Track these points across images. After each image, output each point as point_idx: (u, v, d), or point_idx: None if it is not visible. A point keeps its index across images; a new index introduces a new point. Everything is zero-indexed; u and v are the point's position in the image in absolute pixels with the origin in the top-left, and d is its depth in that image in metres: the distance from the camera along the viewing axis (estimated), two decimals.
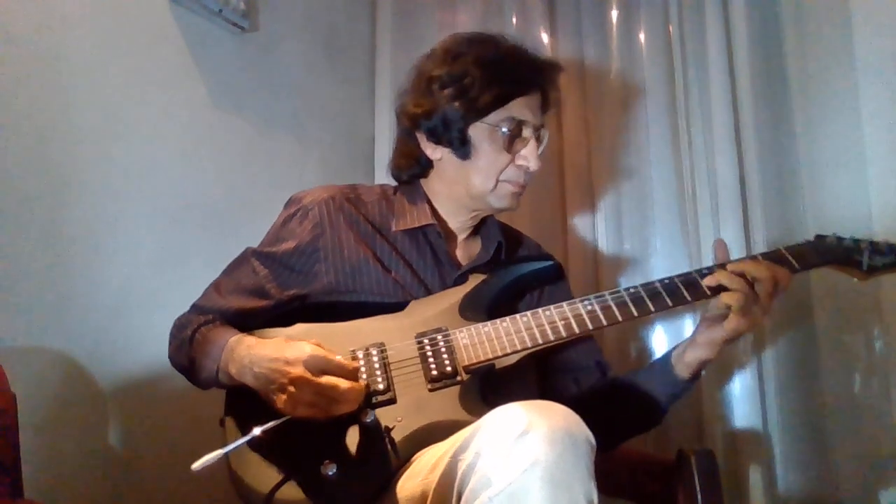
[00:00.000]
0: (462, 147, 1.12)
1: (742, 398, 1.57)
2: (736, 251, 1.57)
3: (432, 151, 1.16)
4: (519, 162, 1.13)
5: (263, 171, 1.70)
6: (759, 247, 1.55)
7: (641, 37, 1.87)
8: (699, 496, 1.09)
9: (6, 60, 1.18)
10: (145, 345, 1.34)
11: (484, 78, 1.10)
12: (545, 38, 1.99)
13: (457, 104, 1.10)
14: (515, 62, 1.13)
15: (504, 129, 1.11)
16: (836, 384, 1.46)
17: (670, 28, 1.80)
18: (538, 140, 1.14)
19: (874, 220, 1.37)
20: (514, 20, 2.00)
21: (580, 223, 1.91)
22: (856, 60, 1.41)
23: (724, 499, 1.13)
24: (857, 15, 1.41)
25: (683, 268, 1.72)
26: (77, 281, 1.26)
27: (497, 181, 1.13)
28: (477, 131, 1.12)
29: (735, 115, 1.62)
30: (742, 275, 0.99)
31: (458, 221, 1.20)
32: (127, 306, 1.34)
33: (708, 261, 1.60)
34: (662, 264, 1.79)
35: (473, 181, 1.13)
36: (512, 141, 1.12)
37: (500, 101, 1.10)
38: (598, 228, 1.88)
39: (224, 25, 1.60)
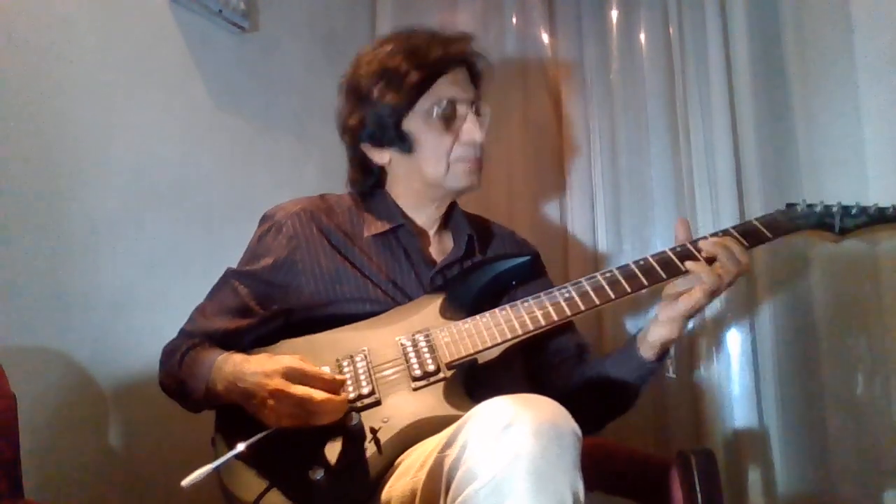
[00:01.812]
0: (403, 143, 1.14)
1: (741, 398, 1.57)
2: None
3: (379, 157, 1.18)
4: (463, 138, 1.13)
5: (263, 171, 1.70)
6: (759, 247, 1.55)
7: (641, 37, 1.87)
8: (699, 496, 1.09)
9: (6, 60, 1.18)
10: (145, 344, 1.34)
11: (400, 70, 1.11)
12: (545, 38, 1.99)
13: (384, 103, 1.12)
14: (425, 46, 1.13)
15: (436, 111, 1.12)
16: (836, 384, 1.45)
17: (670, 28, 1.80)
18: (477, 114, 1.16)
19: None
20: (514, 20, 2.00)
21: (580, 223, 1.91)
22: (856, 60, 1.42)
23: (724, 499, 1.13)
24: (857, 15, 1.41)
25: None
26: (77, 281, 1.26)
27: (448, 163, 1.14)
28: (411, 123, 1.13)
29: (735, 115, 1.62)
30: (725, 249, 1.02)
31: (425, 216, 1.21)
32: (127, 306, 1.34)
33: None
34: None
35: (426, 171, 1.15)
36: (448, 121, 1.13)
37: (423, 87, 1.11)
38: (597, 229, 1.88)
39: (224, 25, 1.60)
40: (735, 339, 1.60)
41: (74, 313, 1.25)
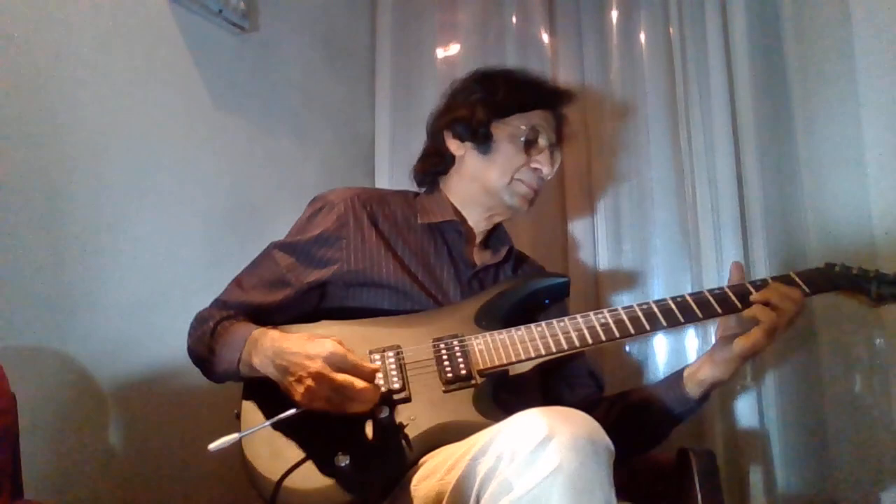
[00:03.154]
0: (484, 142, 1.24)
1: (742, 398, 1.57)
2: (735, 252, 1.57)
3: (456, 148, 1.28)
4: (533, 165, 1.24)
5: (263, 171, 1.70)
6: (759, 248, 1.55)
7: (641, 37, 1.87)
8: (699, 496, 1.09)
9: (6, 60, 1.18)
10: (146, 344, 1.34)
11: (509, 87, 1.26)
12: (545, 38, 1.99)
13: (483, 105, 1.25)
14: (536, 82, 1.31)
15: (523, 130, 1.23)
16: (836, 384, 1.45)
17: (670, 29, 1.80)
18: (552, 155, 1.26)
19: (874, 220, 1.37)
20: (513, 20, 1.99)
21: (580, 224, 1.91)
22: (856, 61, 1.41)
23: (724, 499, 1.13)
24: (857, 15, 1.41)
25: (683, 268, 1.75)
26: (77, 281, 1.26)
27: (512, 178, 1.23)
28: (499, 130, 1.24)
29: (735, 115, 1.62)
30: (775, 290, 1.03)
31: (474, 220, 1.28)
32: (128, 306, 1.34)
33: (708, 260, 1.61)
34: (662, 264, 1.79)
35: (491, 175, 1.24)
36: (529, 146, 1.24)
37: (522, 107, 1.24)
38: (597, 229, 1.88)
39: (224, 25, 1.60)
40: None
41: (75, 314, 1.25)
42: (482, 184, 1.25)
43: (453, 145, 1.28)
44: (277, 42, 1.78)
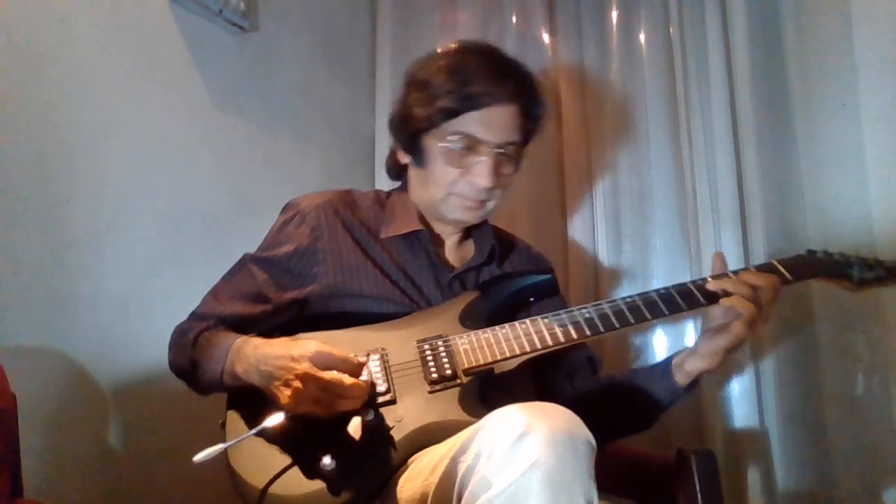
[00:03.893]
0: (417, 156, 1.15)
1: (742, 398, 1.57)
2: (735, 251, 1.57)
3: (402, 157, 1.19)
4: (469, 178, 1.11)
5: (263, 171, 1.70)
6: (759, 247, 1.55)
7: (641, 37, 1.87)
8: (699, 496, 1.09)
9: (6, 61, 1.18)
10: (145, 344, 1.34)
11: (442, 88, 1.08)
12: (545, 38, 1.99)
13: (416, 111, 1.11)
14: (474, 74, 1.08)
15: (454, 140, 1.09)
16: (836, 384, 1.46)
17: (670, 28, 1.80)
18: (504, 156, 1.11)
19: (874, 220, 1.37)
20: (513, 20, 2.00)
21: (580, 223, 1.91)
22: (856, 60, 1.42)
23: (724, 499, 1.13)
24: (857, 15, 1.41)
25: (683, 268, 1.75)
26: (77, 281, 1.26)
27: (448, 193, 1.13)
28: (430, 141, 1.12)
29: (735, 115, 1.62)
30: (745, 283, 1.02)
31: (439, 228, 1.22)
32: (127, 306, 1.34)
33: (707, 260, 1.61)
34: (662, 264, 1.79)
35: (427, 190, 1.15)
36: (463, 156, 1.10)
37: (451, 114, 1.08)
38: (597, 228, 1.89)
39: (224, 25, 1.60)
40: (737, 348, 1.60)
41: (75, 314, 1.25)
42: (425, 195, 1.17)
43: (399, 154, 1.19)
44: (277, 42, 1.78)
